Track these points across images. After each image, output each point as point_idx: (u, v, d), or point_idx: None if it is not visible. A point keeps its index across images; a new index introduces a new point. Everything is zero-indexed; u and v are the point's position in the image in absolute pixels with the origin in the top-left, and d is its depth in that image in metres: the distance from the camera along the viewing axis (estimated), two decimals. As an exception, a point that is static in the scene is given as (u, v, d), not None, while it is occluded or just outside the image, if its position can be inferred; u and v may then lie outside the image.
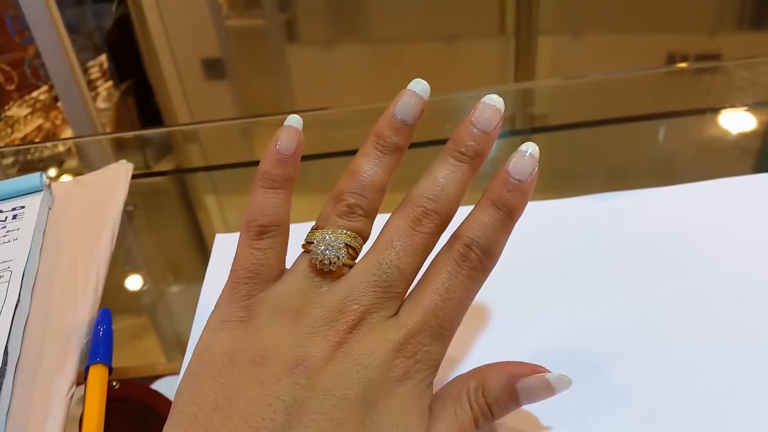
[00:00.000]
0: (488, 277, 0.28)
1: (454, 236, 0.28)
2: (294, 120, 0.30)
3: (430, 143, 0.47)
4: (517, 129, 0.61)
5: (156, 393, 0.38)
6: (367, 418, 0.24)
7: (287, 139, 0.30)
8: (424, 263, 0.28)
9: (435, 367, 0.27)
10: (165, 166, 0.62)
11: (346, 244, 0.27)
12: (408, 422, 0.25)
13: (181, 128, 0.81)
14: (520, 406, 0.27)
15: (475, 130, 0.28)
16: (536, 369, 0.27)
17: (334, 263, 0.27)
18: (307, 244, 0.28)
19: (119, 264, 0.45)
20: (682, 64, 0.74)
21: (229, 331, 0.27)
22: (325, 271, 0.27)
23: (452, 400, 0.27)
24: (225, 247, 0.43)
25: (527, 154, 0.28)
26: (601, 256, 0.39)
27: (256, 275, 0.28)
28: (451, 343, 0.27)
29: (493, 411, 0.27)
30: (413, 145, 0.30)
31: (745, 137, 0.53)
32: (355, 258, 0.28)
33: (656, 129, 0.55)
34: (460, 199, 0.28)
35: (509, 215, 0.27)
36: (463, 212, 0.29)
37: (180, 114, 1.71)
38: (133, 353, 0.42)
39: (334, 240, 0.27)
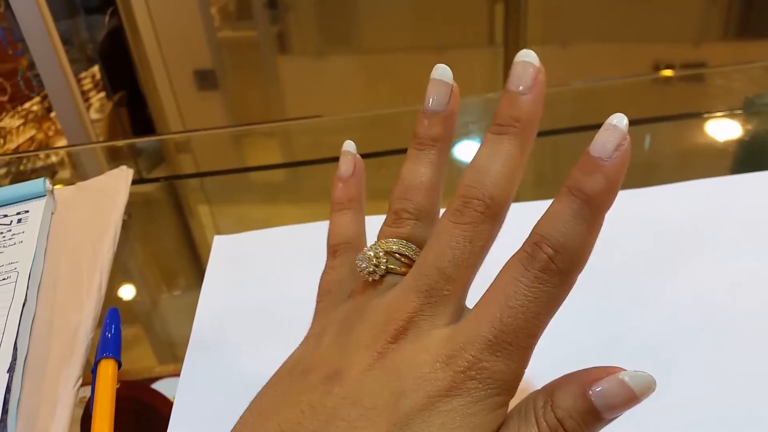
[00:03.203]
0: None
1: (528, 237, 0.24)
2: (349, 146, 0.32)
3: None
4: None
5: (155, 392, 0.39)
6: (396, 430, 0.22)
7: (345, 162, 0.31)
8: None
9: (501, 388, 0.23)
10: (157, 175, 0.63)
11: (391, 252, 0.26)
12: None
13: (173, 137, 0.83)
14: (604, 419, 0.22)
15: (511, 95, 0.24)
16: (608, 371, 0.22)
17: (373, 273, 0.26)
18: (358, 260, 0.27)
19: (116, 271, 0.47)
20: (667, 72, 0.76)
21: (303, 345, 0.27)
22: (370, 282, 0.26)
23: (517, 418, 0.23)
24: (224, 248, 0.45)
25: (611, 126, 0.22)
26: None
27: (328, 292, 0.29)
28: None
29: (566, 426, 0.22)
30: (399, 152, 0.31)
31: (720, 142, 0.54)
32: (410, 265, 0.26)
33: (637, 134, 0.57)
34: (510, 177, 0.24)
35: (588, 202, 0.22)
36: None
37: (173, 125, 1.72)
38: (132, 357, 0.43)
39: (373, 250, 0.26)
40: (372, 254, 0.26)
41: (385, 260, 0.26)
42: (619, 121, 0.22)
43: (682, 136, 0.57)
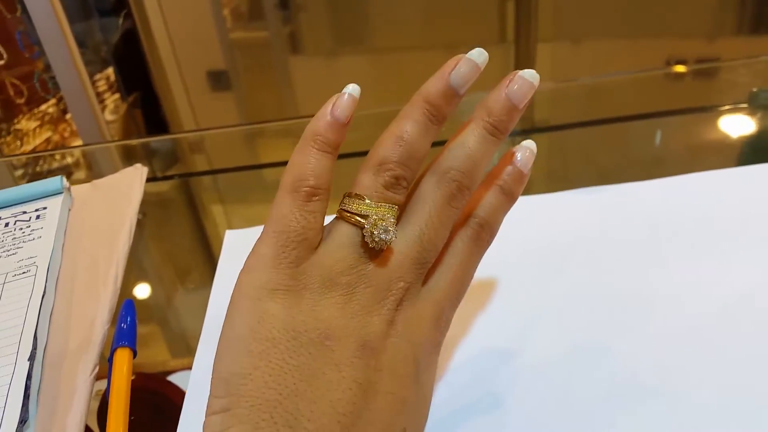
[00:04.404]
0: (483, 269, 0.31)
1: (469, 215, 0.30)
2: (353, 89, 0.28)
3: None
4: (516, 130, 0.63)
5: (170, 383, 0.40)
6: (420, 390, 0.26)
7: (346, 106, 0.28)
8: None
9: None
10: (173, 179, 0.64)
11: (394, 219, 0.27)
12: (434, 382, 0.28)
13: (186, 136, 0.84)
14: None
15: (509, 104, 0.28)
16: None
17: (387, 244, 0.26)
18: (353, 216, 0.27)
19: (132, 269, 0.47)
20: (678, 68, 0.76)
21: (279, 303, 0.25)
22: (377, 250, 0.26)
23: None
24: (235, 243, 0.45)
25: (529, 151, 0.31)
26: (595, 246, 0.41)
27: (305, 240, 0.26)
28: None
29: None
30: None
31: (725, 136, 0.55)
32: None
33: (644, 129, 0.58)
34: (483, 172, 0.29)
35: (512, 200, 0.31)
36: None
37: (186, 125, 1.73)
38: (148, 352, 0.44)
39: (386, 220, 0.26)
40: (387, 223, 0.26)
41: (394, 231, 0.26)
42: (534, 147, 0.31)
43: (689, 130, 0.57)
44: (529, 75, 0.28)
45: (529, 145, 0.31)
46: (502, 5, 1.51)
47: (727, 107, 0.56)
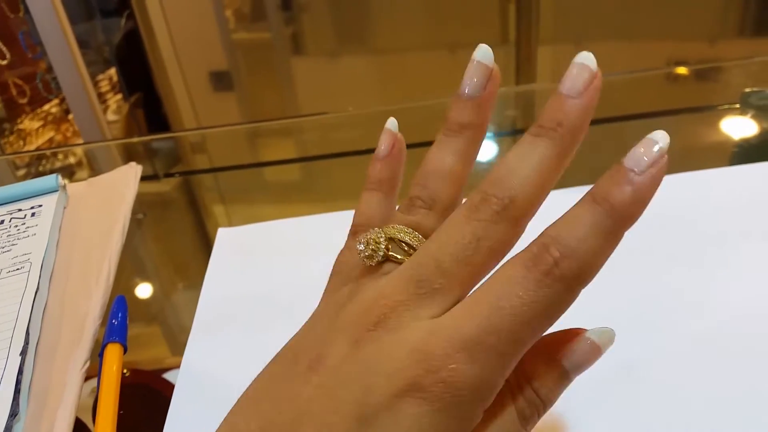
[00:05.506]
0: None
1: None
2: (391, 123, 0.29)
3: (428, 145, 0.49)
4: (519, 128, 0.64)
5: (164, 380, 0.40)
6: (362, 429, 0.21)
7: (382, 143, 0.29)
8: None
9: (472, 395, 0.21)
10: (174, 177, 0.64)
11: (395, 239, 0.24)
12: None
13: (187, 134, 0.84)
14: (571, 378, 0.23)
15: (559, 97, 0.22)
16: (574, 332, 0.23)
17: (370, 257, 0.24)
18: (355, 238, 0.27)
19: (132, 268, 0.48)
20: (676, 69, 0.76)
21: (302, 327, 0.26)
22: (368, 266, 0.24)
23: (491, 410, 0.22)
24: (227, 241, 0.46)
25: (652, 140, 0.21)
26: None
27: (338, 273, 0.27)
28: None
29: (543, 396, 0.23)
30: (410, 147, 0.30)
31: (718, 136, 0.55)
32: (410, 254, 0.24)
33: (639, 129, 0.58)
34: (538, 183, 0.22)
35: (611, 213, 0.21)
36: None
37: (188, 126, 1.74)
38: (144, 350, 0.44)
39: (377, 235, 0.25)
40: (372, 238, 0.24)
41: (384, 246, 0.24)
42: (662, 138, 0.21)
43: (683, 130, 0.57)
44: (583, 57, 0.23)
45: (656, 136, 0.21)
46: (504, 7, 1.52)
47: (720, 108, 0.57)
